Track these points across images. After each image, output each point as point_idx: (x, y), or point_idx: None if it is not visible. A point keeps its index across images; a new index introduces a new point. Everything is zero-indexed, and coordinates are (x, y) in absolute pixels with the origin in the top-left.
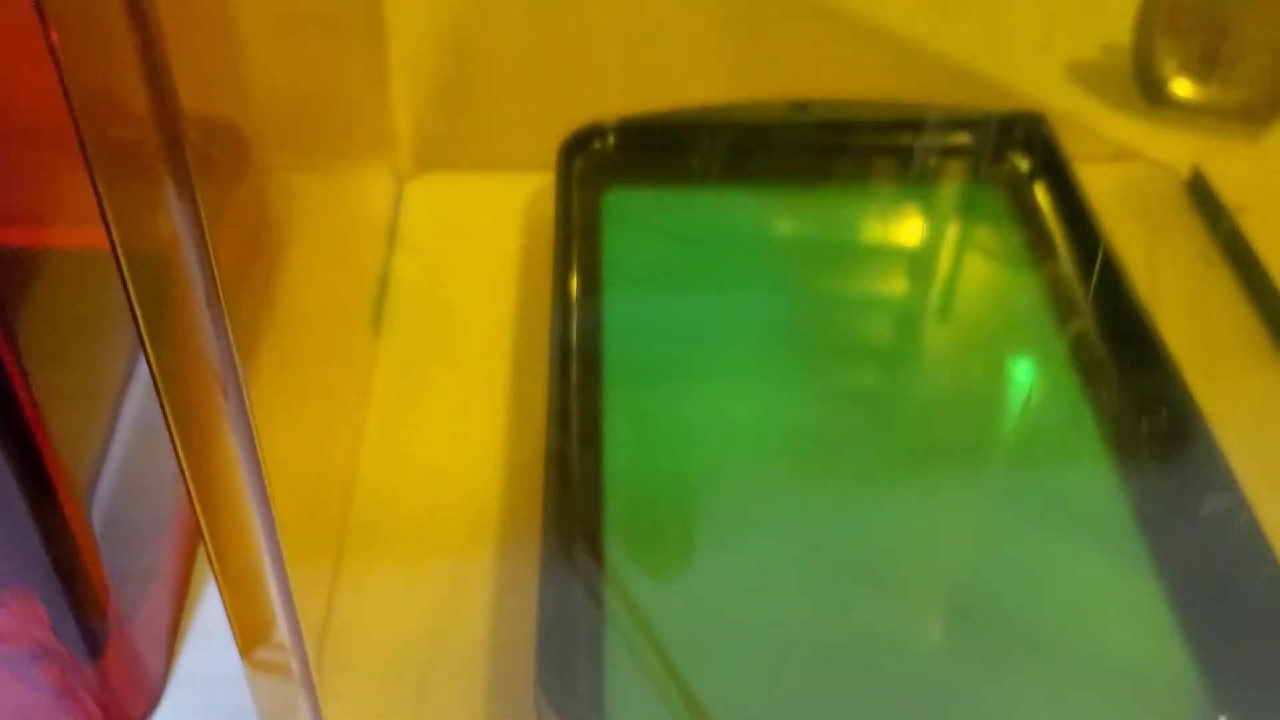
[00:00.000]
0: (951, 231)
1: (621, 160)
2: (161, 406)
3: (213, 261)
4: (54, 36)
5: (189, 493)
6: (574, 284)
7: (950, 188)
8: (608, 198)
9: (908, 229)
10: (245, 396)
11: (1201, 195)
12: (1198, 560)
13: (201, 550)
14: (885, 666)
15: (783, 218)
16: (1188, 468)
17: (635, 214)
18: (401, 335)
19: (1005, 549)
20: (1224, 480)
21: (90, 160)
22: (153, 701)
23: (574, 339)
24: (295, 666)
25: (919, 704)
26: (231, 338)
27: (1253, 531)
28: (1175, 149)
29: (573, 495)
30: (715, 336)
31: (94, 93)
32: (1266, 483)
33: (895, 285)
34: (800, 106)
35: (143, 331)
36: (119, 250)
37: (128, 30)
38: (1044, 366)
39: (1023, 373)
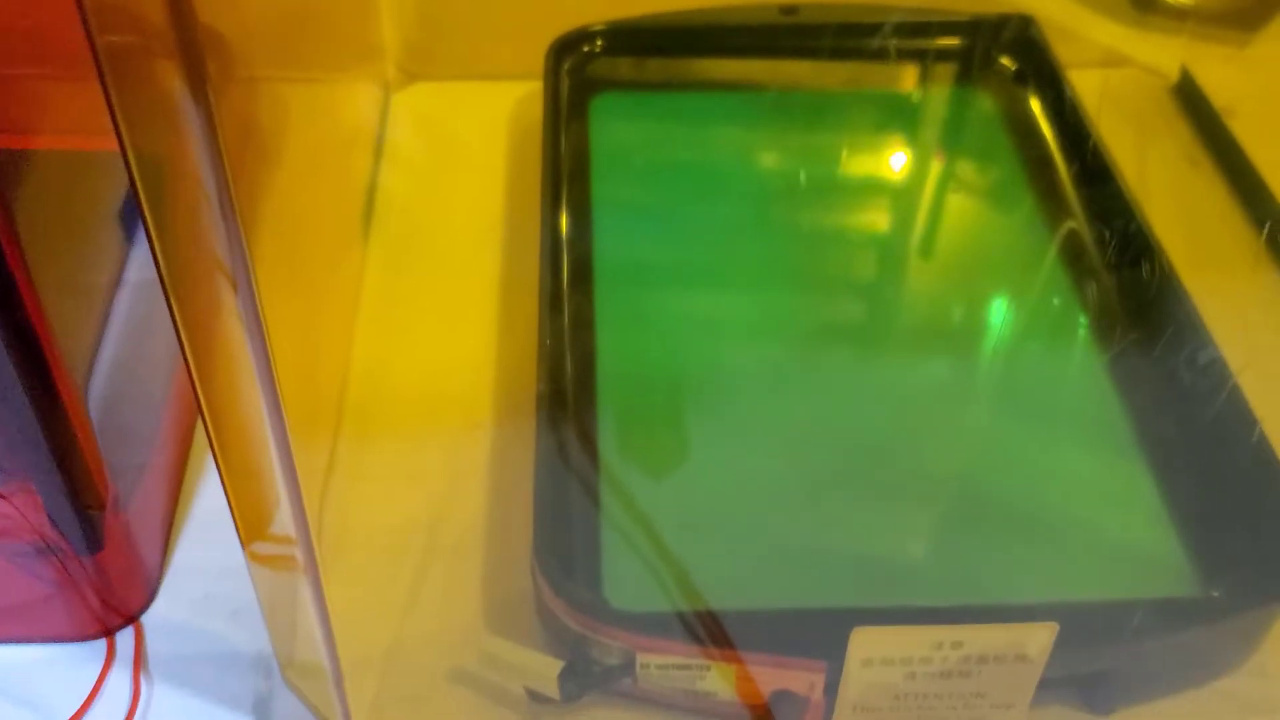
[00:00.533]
0: (940, 135)
1: (609, 64)
2: (168, 302)
3: (225, 165)
4: None
5: (194, 386)
6: (564, 185)
7: (940, 89)
8: (595, 102)
9: (897, 130)
10: (254, 290)
11: (1189, 98)
12: (1186, 445)
13: (194, 447)
14: (883, 546)
15: (772, 119)
16: (1177, 357)
17: (623, 117)
18: (390, 240)
19: (999, 436)
20: (1214, 369)
21: (102, 67)
22: (150, 593)
23: (565, 235)
24: (300, 557)
25: (913, 582)
26: (242, 236)
27: (1239, 415)
28: (1163, 53)
29: (566, 384)
30: (705, 234)
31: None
32: (1255, 373)
33: (885, 185)
34: (790, 9)
35: (151, 230)
36: (129, 154)
37: None
38: (1034, 267)
39: (1014, 275)
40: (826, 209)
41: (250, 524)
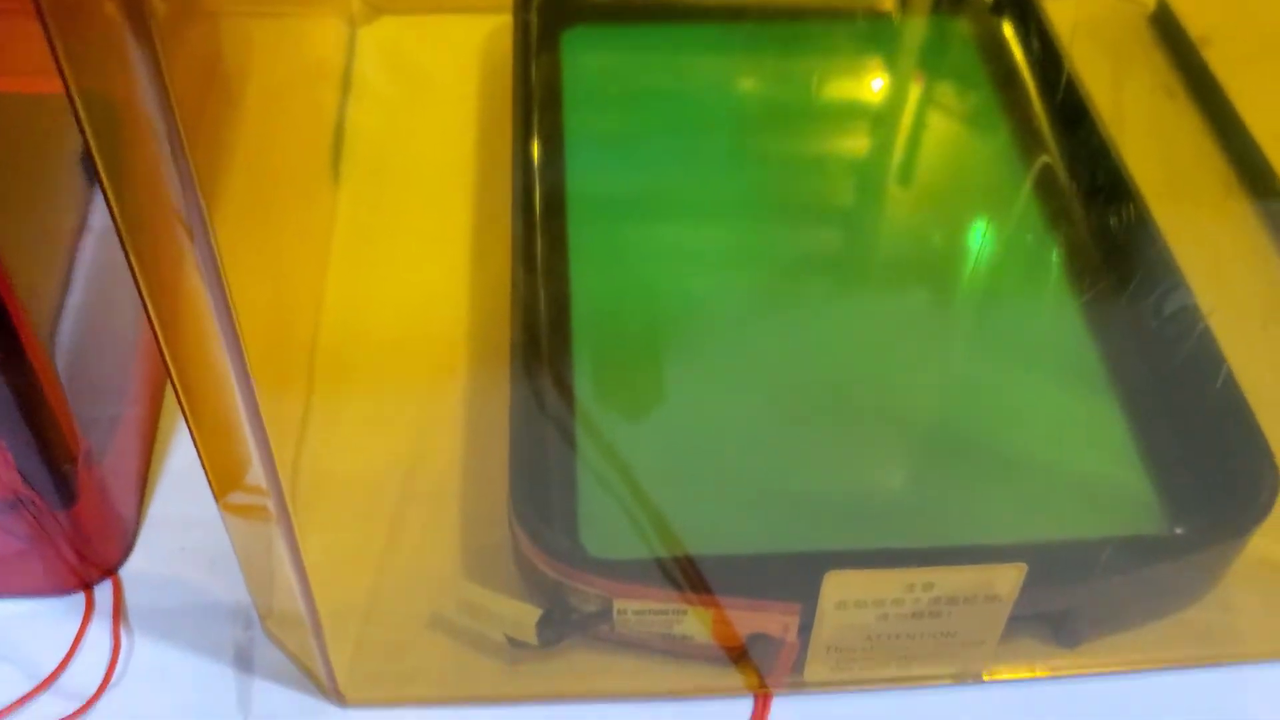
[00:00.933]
0: (914, 68)
1: None
2: (125, 252)
3: (173, 106)
4: None
5: (156, 338)
6: (535, 120)
7: (914, 21)
8: (567, 36)
9: (873, 60)
10: (210, 238)
11: (1166, 27)
12: (1155, 381)
13: (167, 398)
14: (855, 488)
15: (745, 51)
16: (1147, 290)
17: (596, 53)
18: (361, 180)
19: (968, 380)
20: (1182, 298)
21: (43, 8)
22: (127, 546)
23: (536, 174)
24: (272, 508)
25: (885, 523)
26: (195, 180)
27: (1209, 352)
28: None
29: (540, 327)
30: (680, 166)
31: None
32: (1225, 304)
33: (862, 112)
34: None
35: (103, 177)
36: (75, 98)
37: None
38: (1009, 202)
39: (989, 210)
40: (803, 139)
41: (222, 476)
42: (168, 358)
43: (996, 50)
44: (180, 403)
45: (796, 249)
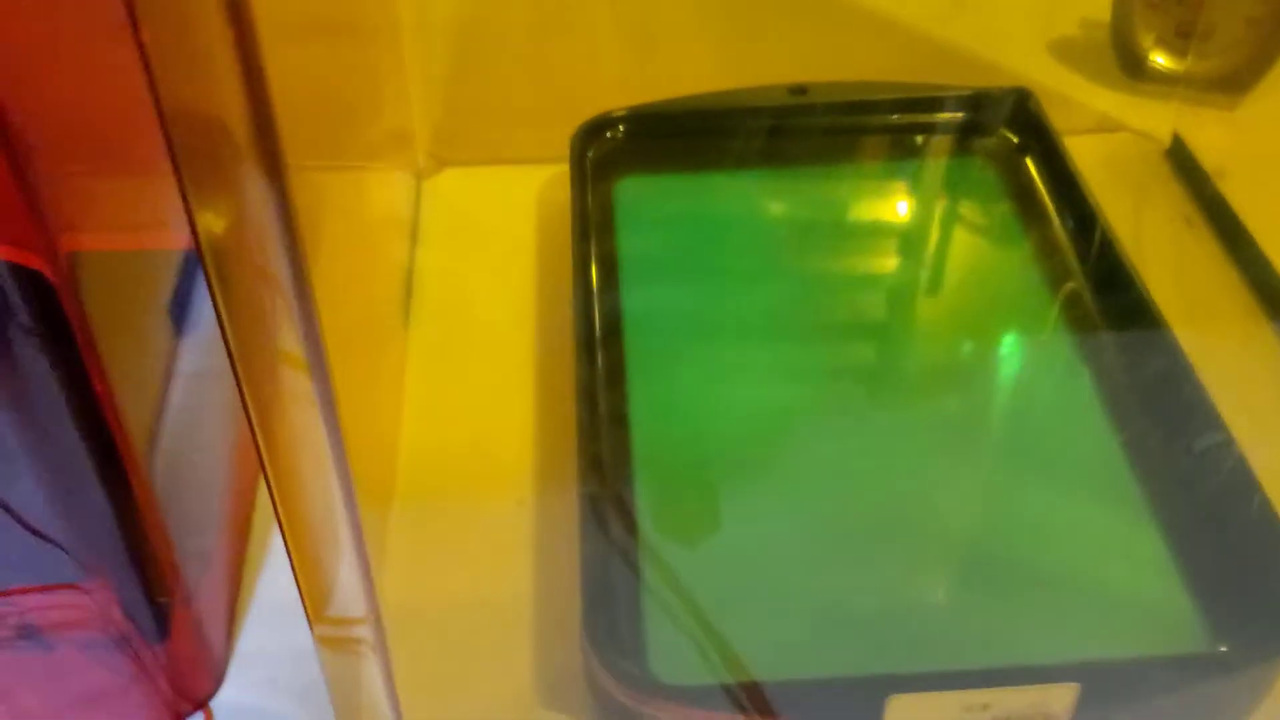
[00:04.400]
0: (946, 206)
1: (632, 149)
2: (239, 388)
3: (303, 256)
4: (144, 38)
5: (266, 474)
6: (593, 270)
7: (944, 163)
8: (620, 186)
9: (907, 205)
10: (327, 375)
11: (1182, 161)
12: (1191, 502)
13: (253, 532)
14: (908, 608)
15: (787, 199)
16: (1178, 416)
17: (647, 201)
18: (429, 325)
19: (1011, 500)
20: (1213, 425)
21: (179, 166)
22: (218, 679)
23: (597, 323)
24: (369, 636)
25: (941, 643)
26: (317, 320)
27: (1241, 471)
28: (1156, 119)
29: (604, 458)
30: (729, 317)
31: (186, 97)
32: (1252, 427)
33: (900, 260)
34: (800, 90)
35: (223, 319)
36: (207, 254)
37: (224, 27)
38: (1039, 329)
39: (1020, 336)
40: (842, 286)
41: (318, 605)
42: (274, 488)
43: (1023, 191)
44: (283, 533)
45: (844, 392)
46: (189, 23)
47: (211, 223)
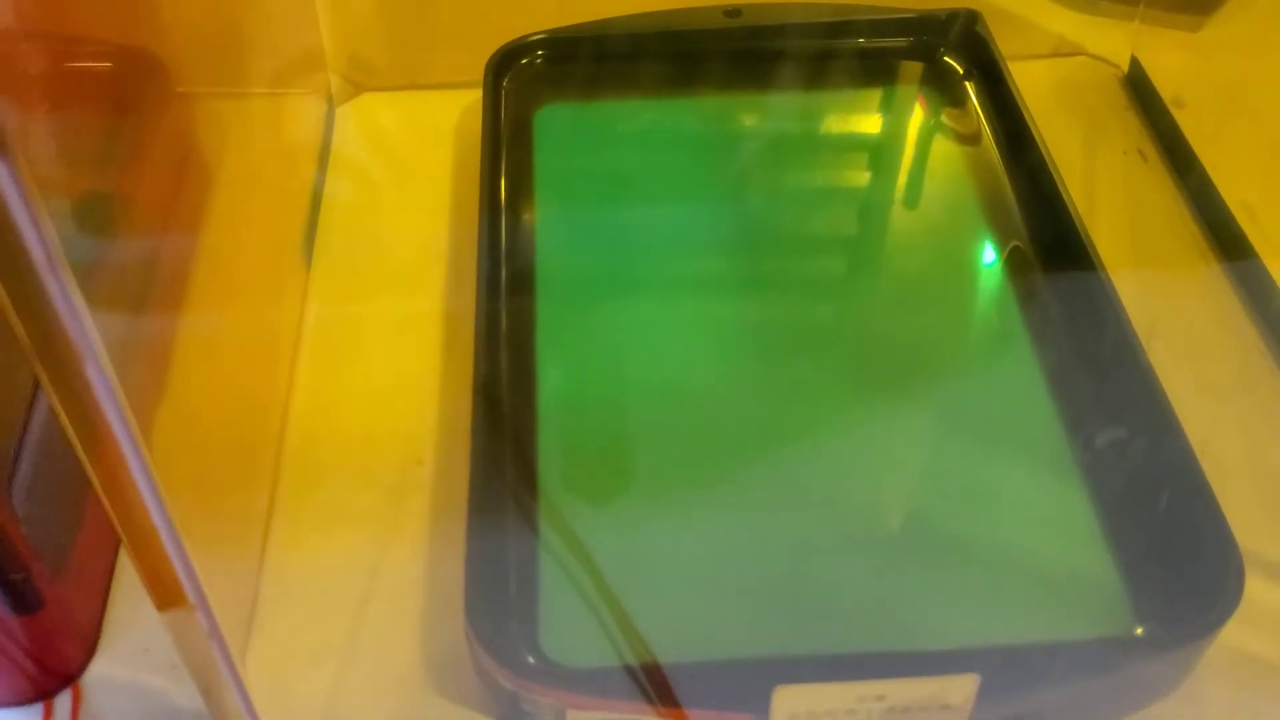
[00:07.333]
0: (885, 135)
1: (552, 74)
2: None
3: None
4: None
5: (82, 460)
6: (503, 207)
7: (884, 89)
8: (540, 114)
9: (841, 134)
10: (100, 358)
11: (1139, 88)
12: (1125, 472)
13: None
14: (821, 582)
15: (717, 125)
16: (1117, 381)
17: (568, 129)
18: (333, 262)
19: (940, 463)
20: (1151, 392)
21: None
22: (88, 652)
23: (503, 259)
24: (204, 623)
25: (856, 617)
26: (78, 299)
27: (1177, 441)
28: (1115, 42)
29: (502, 424)
30: (648, 250)
31: None
32: (1194, 388)
33: (831, 192)
34: (734, 11)
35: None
36: None
37: None
38: (975, 286)
39: (954, 291)
40: (774, 215)
41: (160, 594)
42: (94, 478)
43: (967, 119)
44: (111, 518)
45: (768, 336)
46: None
47: None
